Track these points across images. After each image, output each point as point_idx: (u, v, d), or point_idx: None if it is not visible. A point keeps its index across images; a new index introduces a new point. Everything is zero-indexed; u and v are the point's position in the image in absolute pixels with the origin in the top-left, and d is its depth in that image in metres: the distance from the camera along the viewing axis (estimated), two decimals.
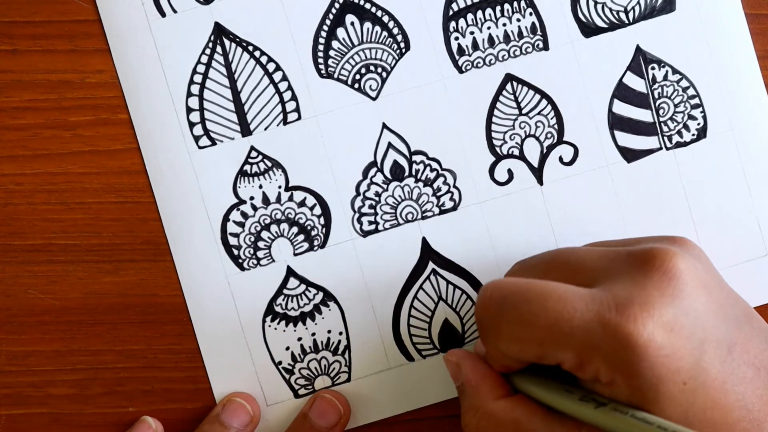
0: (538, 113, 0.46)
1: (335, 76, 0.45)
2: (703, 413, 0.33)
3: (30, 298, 0.45)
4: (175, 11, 0.45)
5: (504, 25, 0.46)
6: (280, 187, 0.45)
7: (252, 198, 0.45)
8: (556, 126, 0.46)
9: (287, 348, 0.46)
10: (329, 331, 0.46)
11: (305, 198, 0.45)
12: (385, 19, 0.45)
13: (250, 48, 0.45)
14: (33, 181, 0.45)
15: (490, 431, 0.38)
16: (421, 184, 0.46)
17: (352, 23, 0.45)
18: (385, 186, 0.46)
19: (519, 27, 0.46)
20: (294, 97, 0.45)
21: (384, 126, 0.45)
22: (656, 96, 0.46)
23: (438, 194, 0.46)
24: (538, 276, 0.38)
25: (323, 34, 0.45)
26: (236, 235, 0.45)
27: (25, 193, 0.45)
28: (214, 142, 0.45)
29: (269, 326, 0.45)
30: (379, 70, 0.45)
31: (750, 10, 0.46)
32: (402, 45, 0.45)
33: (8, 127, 0.45)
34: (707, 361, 0.34)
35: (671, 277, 0.34)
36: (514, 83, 0.46)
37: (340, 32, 0.45)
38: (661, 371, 0.33)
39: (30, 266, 0.45)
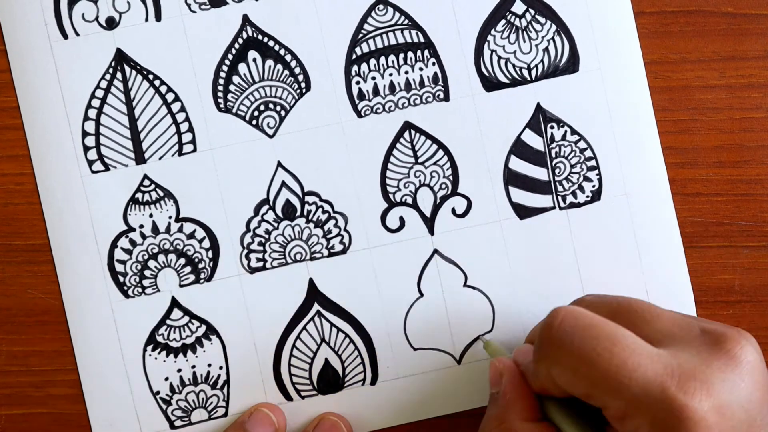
0: (434, 163, 0.46)
1: (234, 111, 0.45)
2: None
3: (30, 298, 0.45)
4: (77, 34, 0.45)
5: (406, 73, 0.46)
6: (170, 217, 0.45)
7: (142, 226, 0.45)
8: (451, 177, 0.46)
9: (166, 378, 0.46)
10: (209, 365, 0.46)
11: (195, 230, 0.45)
12: (288, 57, 0.45)
13: (151, 77, 0.45)
14: None
15: None
16: (312, 225, 0.46)
17: (255, 60, 0.45)
18: (275, 224, 0.46)
19: (421, 76, 0.46)
20: (191, 129, 0.45)
21: (279, 164, 0.45)
22: (553, 155, 0.46)
23: (328, 236, 0.46)
24: (608, 315, 0.37)
25: (224, 68, 0.45)
26: (123, 262, 0.45)
27: (26, 192, 0.45)
28: (107, 168, 0.45)
29: (150, 355, 0.45)
30: (278, 108, 0.45)
31: (654, 81, 0.46)
32: (303, 85, 0.45)
33: None
34: None
35: (737, 364, 0.35)
36: (412, 131, 0.46)
37: (242, 68, 0.45)
38: None
39: (30, 266, 0.45)
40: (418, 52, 0.46)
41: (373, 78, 0.45)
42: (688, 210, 0.46)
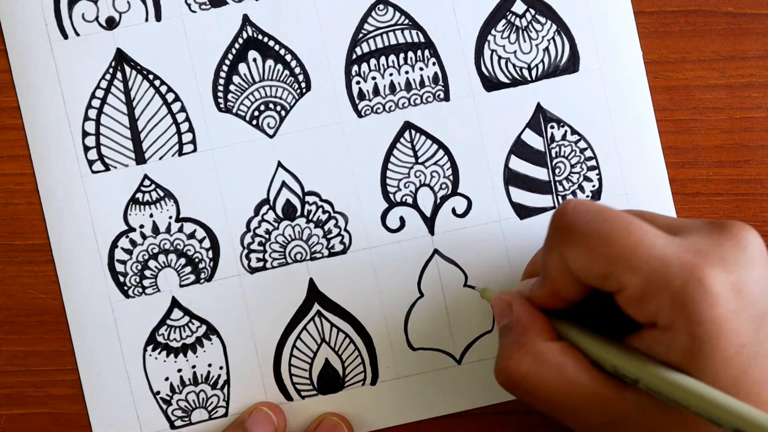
0: (434, 163, 0.46)
1: (234, 111, 0.45)
2: (752, 386, 0.33)
3: (30, 298, 0.45)
4: (78, 34, 0.45)
5: (406, 72, 0.45)
6: (170, 217, 0.45)
7: (142, 226, 0.45)
8: (451, 177, 0.46)
9: (166, 378, 0.45)
10: (210, 365, 0.46)
11: (195, 230, 0.45)
12: (288, 57, 0.45)
13: (151, 77, 0.45)
14: None
15: (531, 369, 0.37)
16: (312, 225, 0.46)
17: (255, 60, 0.45)
18: (276, 224, 0.45)
19: (421, 76, 0.45)
20: (191, 129, 0.45)
21: (279, 164, 0.45)
22: (553, 155, 0.46)
23: (328, 236, 0.46)
24: None
25: (225, 68, 0.45)
26: (123, 262, 0.45)
27: (26, 192, 0.45)
28: (107, 168, 0.45)
29: (150, 355, 0.45)
30: (278, 108, 0.45)
31: (654, 80, 0.46)
32: (303, 85, 0.45)
33: None
34: (765, 333, 0.33)
35: (746, 245, 0.34)
36: (413, 131, 0.46)
37: (242, 68, 0.45)
38: (723, 325, 0.32)
39: (30, 266, 0.45)
40: (419, 52, 0.46)
41: (374, 78, 0.45)
42: (688, 210, 0.46)
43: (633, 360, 0.35)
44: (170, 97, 0.45)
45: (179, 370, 0.45)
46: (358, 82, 0.45)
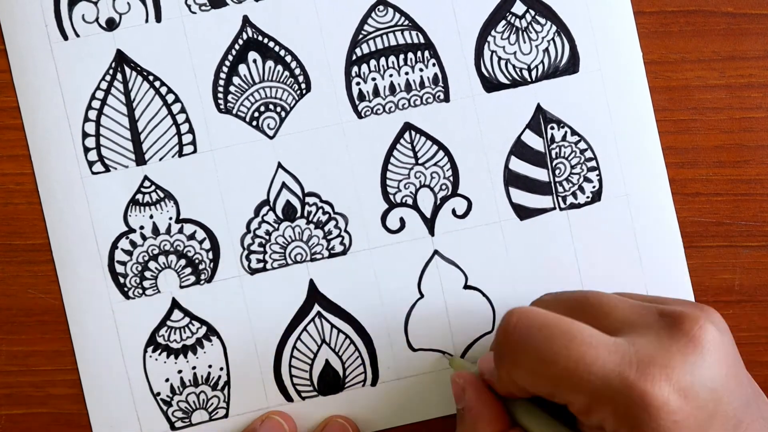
0: (435, 164, 0.46)
1: (234, 112, 0.45)
2: None
3: (30, 298, 0.45)
4: (78, 35, 0.45)
5: (406, 73, 0.45)
6: (170, 218, 0.45)
7: (142, 227, 0.45)
8: (451, 178, 0.46)
9: (167, 380, 0.45)
10: (210, 366, 0.46)
11: (195, 231, 0.45)
12: (288, 58, 0.45)
13: (151, 78, 0.45)
14: None
15: None
16: (312, 226, 0.46)
17: (255, 60, 0.45)
18: (276, 225, 0.45)
19: (421, 77, 0.45)
20: (191, 130, 0.45)
21: (279, 165, 0.45)
22: (553, 156, 0.46)
23: (329, 237, 0.46)
24: (565, 312, 0.37)
25: (225, 69, 0.45)
26: (123, 263, 0.45)
27: (26, 192, 0.45)
28: (107, 169, 0.45)
29: (150, 356, 0.45)
30: (278, 109, 0.45)
31: (654, 80, 0.46)
32: (303, 86, 0.45)
33: None
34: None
35: (696, 344, 0.34)
36: (413, 132, 0.46)
37: (242, 69, 0.45)
38: None
39: (30, 266, 0.45)
40: (419, 53, 0.46)
41: (374, 79, 0.45)
42: (688, 210, 0.46)
43: None
44: (170, 98, 0.45)
45: (179, 371, 0.45)
46: (358, 83, 0.45)
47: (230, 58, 0.45)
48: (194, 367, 0.45)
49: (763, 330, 0.46)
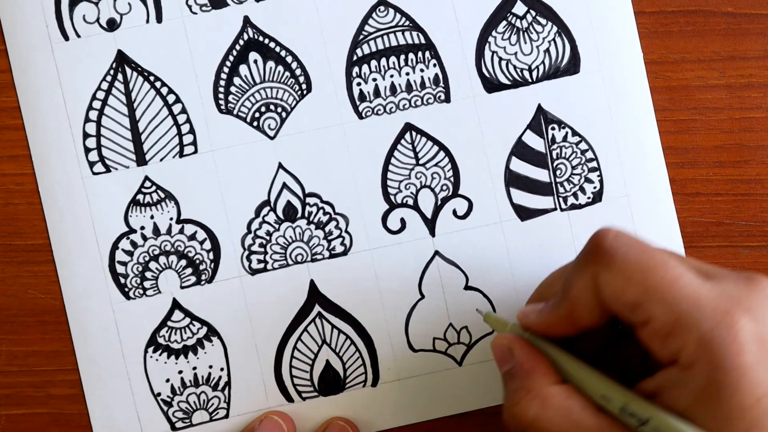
0: (435, 165, 0.46)
1: (235, 112, 0.45)
2: None
3: (30, 298, 0.45)
4: (78, 36, 0.45)
5: (407, 74, 0.45)
6: (171, 219, 0.45)
7: (143, 228, 0.45)
8: (452, 179, 0.46)
9: (167, 380, 0.45)
10: (210, 367, 0.46)
11: (196, 232, 0.45)
12: (289, 59, 0.45)
13: (152, 78, 0.45)
14: None
15: (539, 414, 0.37)
16: (312, 227, 0.46)
17: (255, 61, 0.45)
18: (276, 226, 0.45)
19: (422, 77, 0.45)
20: (192, 131, 0.45)
21: (280, 166, 0.45)
22: (554, 156, 0.46)
23: (329, 238, 0.46)
24: None
25: (225, 69, 0.45)
26: (124, 264, 0.45)
27: (26, 192, 0.45)
28: (108, 169, 0.45)
29: (151, 357, 0.45)
30: (279, 109, 0.45)
31: (655, 80, 0.46)
32: (304, 86, 0.45)
33: None
34: None
35: None
36: (413, 133, 0.46)
37: (243, 69, 0.45)
38: (745, 374, 0.32)
39: (30, 266, 0.45)
40: (419, 54, 0.46)
41: (374, 79, 0.45)
42: (688, 210, 0.46)
43: (642, 402, 0.35)
44: (171, 98, 0.45)
45: (180, 372, 0.45)
46: (359, 84, 0.45)
47: (231, 58, 0.45)
48: (195, 368, 0.45)
49: None
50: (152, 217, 0.45)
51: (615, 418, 0.35)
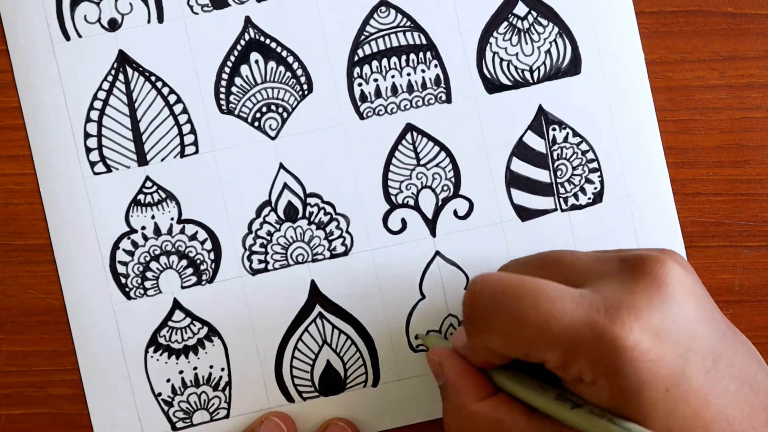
0: (436, 165, 0.46)
1: (236, 112, 0.45)
2: (683, 422, 0.33)
3: (30, 298, 0.45)
4: (80, 36, 0.45)
5: (408, 75, 0.46)
6: (172, 219, 0.45)
7: (143, 228, 0.45)
8: (452, 179, 0.46)
9: (168, 380, 0.46)
10: (211, 367, 0.46)
11: (197, 232, 0.45)
12: (290, 59, 0.45)
13: (153, 78, 0.45)
14: None
15: (471, 430, 0.38)
16: (313, 227, 0.46)
17: (257, 61, 0.45)
18: (277, 226, 0.46)
19: (423, 78, 0.46)
20: (193, 131, 0.45)
21: (281, 166, 0.45)
22: (555, 157, 0.46)
23: (330, 238, 0.46)
24: (529, 272, 0.37)
25: (227, 70, 0.45)
26: (125, 264, 0.45)
27: (26, 193, 0.45)
28: (109, 169, 0.45)
29: (151, 357, 0.45)
30: (280, 110, 0.45)
31: (656, 80, 0.46)
32: (305, 87, 0.45)
33: None
34: (691, 370, 0.34)
35: (660, 283, 0.34)
36: (414, 133, 0.46)
37: (244, 69, 0.45)
38: (644, 376, 0.33)
39: (30, 266, 0.45)
40: (420, 54, 0.46)
41: (375, 80, 0.45)
42: (688, 210, 0.46)
43: (560, 407, 0.35)
44: (172, 98, 0.45)
45: (181, 372, 0.45)
46: (360, 84, 0.45)
47: (232, 58, 0.45)
48: (195, 368, 0.46)
49: (763, 330, 0.47)
50: (153, 217, 0.45)
51: (547, 417, 0.36)
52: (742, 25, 0.46)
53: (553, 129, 0.46)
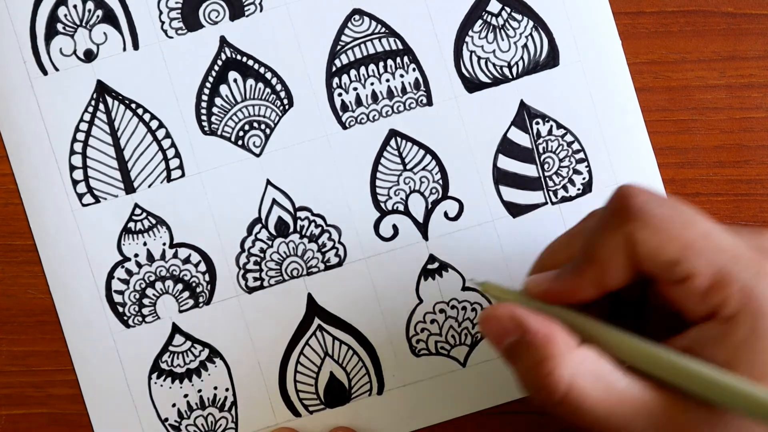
0: (423, 168, 0.46)
1: (219, 132, 0.45)
2: None
3: (30, 298, 0.46)
4: (57, 69, 0.45)
5: (387, 81, 0.45)
6: (164, 244, 0.45)
7: (136, 255, 0.45)
8: (440, 181, 0.46)
9: (173, 405, 0.46)
10: (215, 388, 0.46)
11: (190, 255, 0.45)
12: (268, 75, 0.45)
13: (133, 105, 0.45)
14: None
15: (574, 381, 0.33)
16: (306, 240, 0.46)
17: (235, 80, 0.45)
18: (269, 242, 0.46)
19: (402, 83, 0.45)
20: (177, 154, 0.45)
21: (268, 182, 0.45)
22: (541, 151, 0.46)
23: (323, 250, 0.46)
24: None
25: (206, 91, 0.45)
26: (121, 293, 0.45)
27: None
28: (97, 200, 0.45)
29: (155, 383, 0.45)
30: (263, 126, 0.45)
31: (633, 59, 0.46)
32: (285, 101, 0.45)
33: None
34: None
35: None
36: (398, 138, 0.46)
37: (223, 89, 0.45)
38: None
39: (30, 266, 0.46)
40: (398, 59, 0.46)
41: (355, 88, 0.45)
42: None
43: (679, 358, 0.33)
44: (154, 124, 0.45)
45: (186, 396, 0.45)
46: (340, 94, 0.45)
47: (210, 79, 0.45)
48: (200, 390, 0.46)
49: None
50: (145, 243, 0.45)
51: (646, 377, 0.33)
52: (742, 25, 0.46)
53: (537, 123, 0.46)
